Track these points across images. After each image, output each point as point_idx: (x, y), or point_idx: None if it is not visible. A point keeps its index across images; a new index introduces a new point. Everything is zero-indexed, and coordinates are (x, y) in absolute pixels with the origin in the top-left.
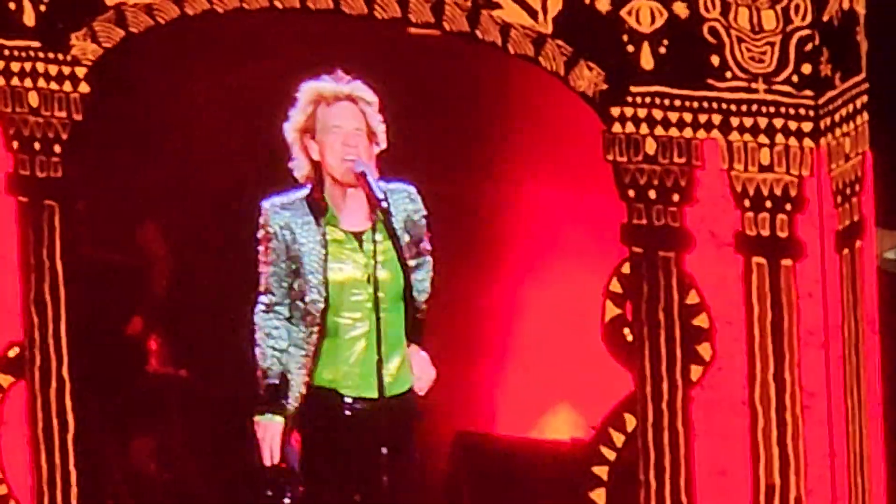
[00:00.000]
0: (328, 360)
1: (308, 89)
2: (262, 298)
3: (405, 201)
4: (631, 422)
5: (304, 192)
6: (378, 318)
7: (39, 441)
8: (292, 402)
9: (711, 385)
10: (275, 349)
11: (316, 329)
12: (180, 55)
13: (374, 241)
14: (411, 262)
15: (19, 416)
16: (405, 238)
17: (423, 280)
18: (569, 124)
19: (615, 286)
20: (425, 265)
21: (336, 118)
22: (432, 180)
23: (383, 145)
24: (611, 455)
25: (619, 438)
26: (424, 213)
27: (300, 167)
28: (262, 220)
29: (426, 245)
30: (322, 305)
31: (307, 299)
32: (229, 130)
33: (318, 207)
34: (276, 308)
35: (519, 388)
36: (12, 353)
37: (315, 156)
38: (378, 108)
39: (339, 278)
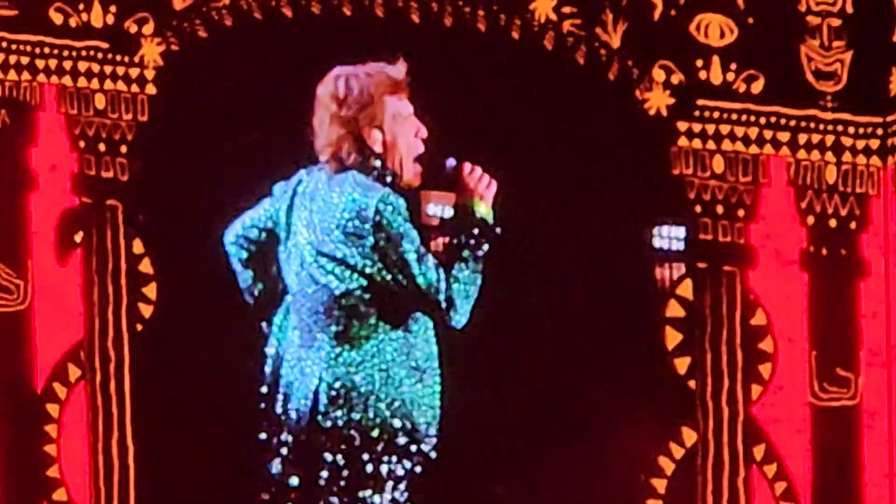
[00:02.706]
0: None
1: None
2: None
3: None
4: (689, 437)
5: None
6: None
7: (98, 444)
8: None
9: (772, 403)
10: None
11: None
12: (247, 59)
13: None
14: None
15: (79, 418)
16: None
17: None
18: (636, 138)
19: (674, 309)
20: None
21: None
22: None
23: None
24: (669, 468)
25: (678, 452)
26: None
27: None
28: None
29: None
30: None
31: None
32: (296, 133)
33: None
34: None
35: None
36: (73, 353)
37: (378, 148)
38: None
39: None
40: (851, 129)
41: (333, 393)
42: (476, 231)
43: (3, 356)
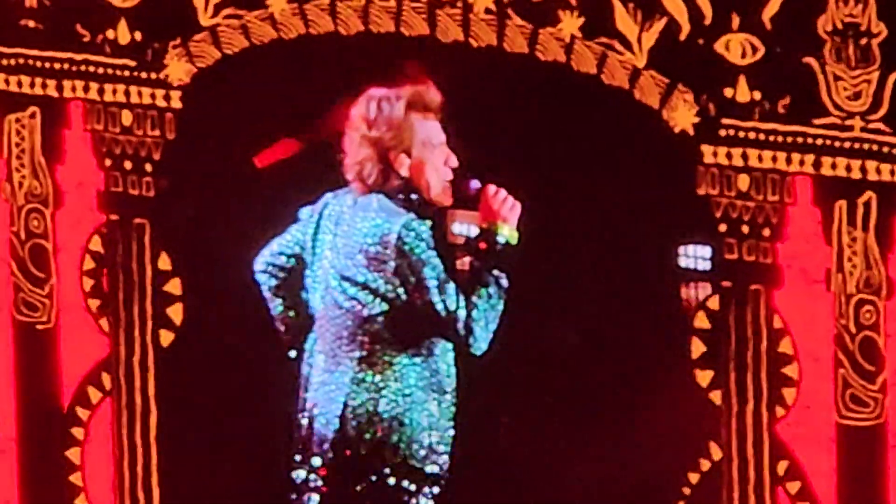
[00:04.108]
0: None
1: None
2: None
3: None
4: (715, 453)
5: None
6: None
7: (123, 460)
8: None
9: (797, 421)
10: None
11: None
12: (275, 77)
13: None
14: None
15: (104, 438)
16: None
17: None
18: (661, 157)
19: (701, 321)
20: None
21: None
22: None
23: None
24: (694, 478)
25: (704, 465)
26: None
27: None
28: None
29: None
30: None
31: None
32: (323, 153)
33: None
34: None
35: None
36: (98, 371)
37: (405, 172)
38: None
39: None
40: (878, 149)
41: (359, 418)
42: (499, 256)
43: (29, 374)
